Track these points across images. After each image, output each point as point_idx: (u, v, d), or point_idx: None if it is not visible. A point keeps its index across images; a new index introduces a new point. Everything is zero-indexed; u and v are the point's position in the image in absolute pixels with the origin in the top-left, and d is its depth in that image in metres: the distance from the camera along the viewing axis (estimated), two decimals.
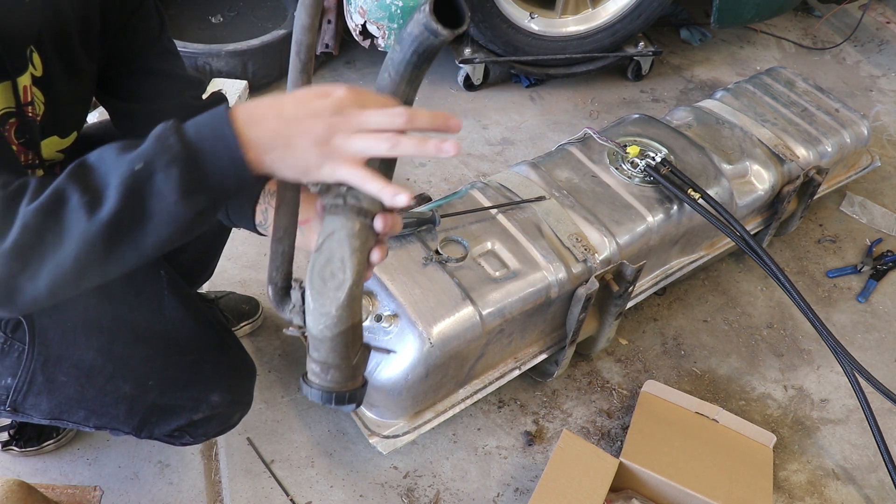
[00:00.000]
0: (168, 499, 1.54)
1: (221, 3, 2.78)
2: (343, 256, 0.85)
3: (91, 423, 1.23)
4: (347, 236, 0.85)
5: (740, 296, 2.10)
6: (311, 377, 0.93)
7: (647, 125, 1.92)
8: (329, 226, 0.86)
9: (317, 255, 0.86)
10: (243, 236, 2.06)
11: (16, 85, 0.98)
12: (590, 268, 1.59)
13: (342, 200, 0.85)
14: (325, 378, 0.92)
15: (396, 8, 2.31)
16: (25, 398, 1.19)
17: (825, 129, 2.09)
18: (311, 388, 0.92)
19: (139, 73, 1.16)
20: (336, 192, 0.85)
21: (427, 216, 1.53)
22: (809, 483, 1.71)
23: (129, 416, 1.22)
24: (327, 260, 0.85)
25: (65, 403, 1.20)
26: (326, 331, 0.88)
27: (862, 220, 2.38)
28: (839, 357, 1.63)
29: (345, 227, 0.85)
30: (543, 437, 1.72)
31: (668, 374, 1.89)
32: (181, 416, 1.24)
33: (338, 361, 0.91)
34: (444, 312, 1.43)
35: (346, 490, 1.58)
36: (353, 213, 0.85)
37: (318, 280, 0.86)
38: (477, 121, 2.60)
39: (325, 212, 0.86)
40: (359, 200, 0.84)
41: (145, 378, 1.21)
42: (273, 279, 0.90)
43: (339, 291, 0.85)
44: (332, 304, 0.86)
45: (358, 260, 0.85)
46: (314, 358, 0.92)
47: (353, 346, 0.91)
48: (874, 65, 3.15)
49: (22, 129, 1.04)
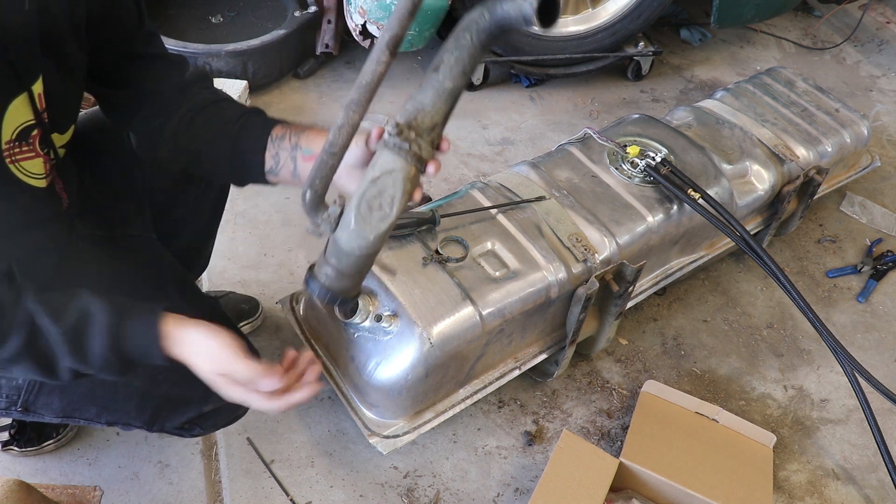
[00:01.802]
0: (168, 499, 1.54)
1: (221, 3, 2.78)
2: (395, 195, 0.98)
3: (103, 419, 1.24)
4: (403, 178, 0.97)
5: (740, 296, 2.10)
6: (321, 277, 1.07)
7: (647, 125, 1.92)
8: (389, 163, 0.97)
9: (371, 185, 0.98)
10: (243, 237, 2.07)
11: (32, 94, 0.99)
12: (590, 268, 1.59)
13: (408, 145, 0.96)
14: (335, 282, 1.07)
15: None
16: (37, 397, 1.19)
17: (825, 129, 2.09)
18: (318, 286, 1.07)
19: (123, 59, 1.16)
20: (406, 136, 0.96)
21: (427, 216, 1.53)
22: (809, 483, 1.71)
23: (141, 410, 1.23)
24: (379, 192, 0.98)
25: (77, 401, 1.21)
26: (357, 250, 1.02)
27: (862, 220, 2.38)
28: (839, 357, 1.63)
29: (403, 170, 0.97)
30: (543, 437, 1.72)
31: (668, 374, 1.89)
32: (191, 408, 1.25)
33: (353, 274, 1.07)
34: (444, 312, 1.43)
35: (346, 490, 1.58)
36: (414, 160, 0.97)
37: (366, 207, 0.98)
38: (477, 121, 2.60)
39: (386, 148, 0.97)
40: (420, 149, 0.97)
41: (156, 372, 1.21)
42: (314, 185, 0.98)
43: (381, 222, 0.98)
44: (371, 232, 0.99)
45: (405, 200, 0.98)
46: (332, 264, 1.05)
47: (369, 266, 1.08)
48: (874, 65, 3.15)
49: (44, 139, 1.05)
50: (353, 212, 0.99)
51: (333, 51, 2.63)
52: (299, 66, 2.65)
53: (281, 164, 1.16)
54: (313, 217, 1.01)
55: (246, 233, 2.08)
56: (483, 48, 0.94)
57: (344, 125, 0.93)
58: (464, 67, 0.95)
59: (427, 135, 0.98)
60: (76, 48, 1.06)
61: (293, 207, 2.16)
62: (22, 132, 1.00)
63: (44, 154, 1.06)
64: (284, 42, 2.50)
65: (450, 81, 0.96)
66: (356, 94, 0.92)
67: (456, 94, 0.97)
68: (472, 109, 2.64)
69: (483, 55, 0.95)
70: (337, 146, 0.95)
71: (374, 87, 0.92)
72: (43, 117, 1.02)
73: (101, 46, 1.11)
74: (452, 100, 0.98)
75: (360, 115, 0.93)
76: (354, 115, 0.93)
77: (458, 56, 0.94)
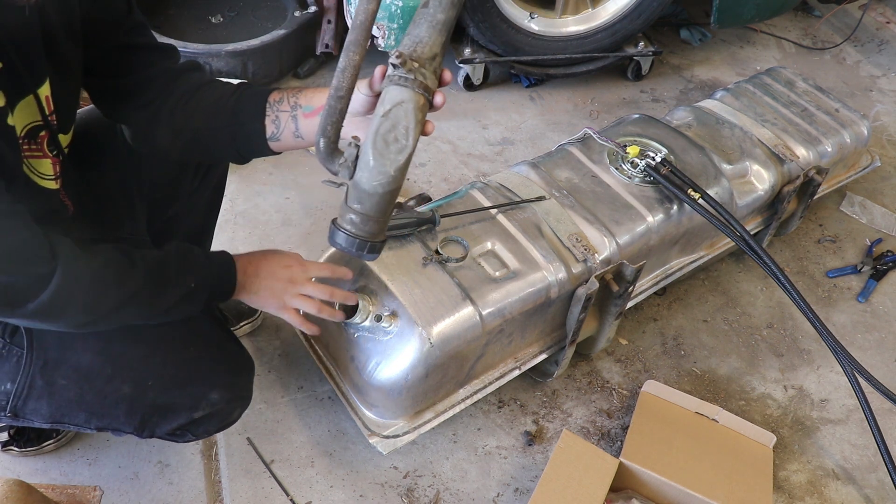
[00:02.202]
0: (168, 499, 1.54)
1: (221, 3, 2.78)
2: (408, 125, 0.97)
3: (92, 425, 1.23)
4: (413, 108, 0.97)
5: (740, 296, 2.10)
6: (346, 226, 1.05)
7: (647, 125, 1.92)
8: (397, 95, 0.97)
9: (383, 119, 0.97)
10: (243, 237, 2.07)
11: (38, 97, 0.99)
12: (590, 268, 1.59)
13: (413, 76, 0.96)
14: (362, 228, 1.05)
15: (396, 8, 2.31)
16: (26, 403, 1.18)
17: (825, 129, 2.09)
18: (345, 235, 1.05)
19: (114, 50, 1.17)
20: (410, 66, 0.96)
21: (427, 216, 1.53)
22: (809, 483, 1.71)
23: (130, 416, 1.22)
24: (393, 125, 0.97)
25: (65, 406, 1.20)
26: (380, 187, 1.00)
27: (862, 220, 2.38)
28: (839, 357, 1.63)
29: (413, 100, 0.97)
30: (543, 437, 1.72)
31: (668, 374, 1.89)
32: (181, 415, 1.24)
33: (378, 215, 1.04)
34: (444, 312, 1.43)
35: (346, 490, 1.58)
36: (421, 89, 0.97)
37: (382, 142, 0.97)
38: (477, 121, 2.60)
39: (391, 82, 0.97)
40: (425, 78, 0.97)
41: (144, 378, 1.21)
42: (326, 132, 0.98)
43: (400, 155, 0.97)
44: (391, 165, 0.98)
45: (419, 130, 0.98)
46: (356, 209, 1.04)
47: (392, 204, 1.06)
48: (874, 65, 3.15)
49: (52, 140, 1.05)
50: (371, 149, 0.98)
51: (333, 51, 2.63)
52: (299, 66, 2.65)
53: (282, 126, 1.17)
54: (329, 165, 1.01)
55: (246, 233, 2.08)
56: None
57: (346, 67, 0.94)
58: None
59: (429, 64, 0.98)
60: (72, 46, 1.07)
61: (293, 207, 2.16)
62: (30, 132, 1.01)
63: (52, 155, 1.06)
64: (284, 42, 2.50)
65: (441, 13, 0.97)
66: (352, 35, 0.94)
67: (449, 24, 0.98)
68: (472, 109, 2.64)
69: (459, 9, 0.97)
70: (343, 89, 0.95)
71: (369, 25, 0.94)
72: (50, 119, 1.03)
73: (92, 38, 1.11)
74: (447, 30, 0.99)
75: (361, 55, 0.94)
76: (354, 55, 0.94)
77: None
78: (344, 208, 1.05)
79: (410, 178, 2.31)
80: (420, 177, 2.32)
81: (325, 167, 1.01)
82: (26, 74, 0.96)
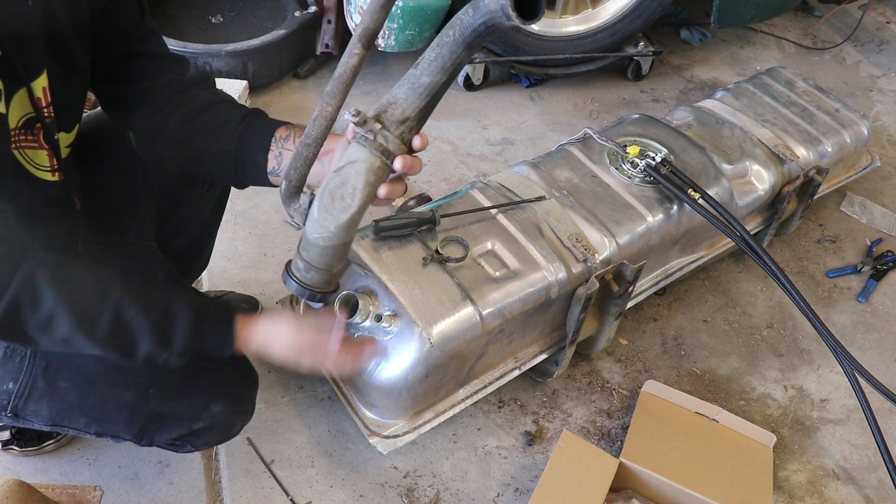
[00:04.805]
0: (168, 499, 1.54)
1: (221, 3, 2.78)
2: (356, 185, 0.96)
3: (92, 430, 1.23)
4: (366, 170, 0.96)
5: (740, 296, 2.10)
6: (294, 271, 1.08)
7: (647, 125, 1.92)
8: (354, 154, 0.96)
9: (335, 174, 0.97)
10: (243, 237, 2.07)
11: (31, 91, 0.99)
12: (590, 268, 1.59)
13: (372, 136, 0.95)
14: (305, 276, 1.07)
15: (396, 8, 2.31)
16: (27, 403, 1.18)
17: (825, 129, 2.09)
18: (291, 280, 1.08)
19: (124, 56, 1.17)
20: (370, 126, 0.95)
21: (427, 216, 1.53)
22: (809, 483, 1.71)
23: (130, 423, 1.22)
24: (342, 182, 0.97)
25: (66, 409, 1.20)
26: (321, 241, 1.01)
27: (862, 220, 2.38)
28: (839, 357, 1.63)
29: (366, 161, 0.96)
30: (543, 437, 1.72)
31: (668, 374, 1.89)
32: (181, 425, 1.24)
33: (322, 266, 1.06)
34: (444, 312, 1.43)
35: (346, 490, 1.58)
36: (378, 151, 0.95)
37: (328, 198, 0.98)
38: (477, 121, 2.60)
39: (355, 140, 0.96)
40: (386, 141, 0.95)
41: (146, 386, 1.21)
42: (289, 176, 0.99)
43: (342, 213, 0.98)
44: (332, 222, 0.98)
45: (367, 193, 0.97)
46: (302, 256, 1.06)
47: (337, 260, 1.06)
48: (874, 65, 3.15)
49: (48, 133, 1.05)
50: (318, 202, 0.99)
51: (333, 51, 2.63)
52: (299, 66, 2.65)
53: (284, 163, 1.16)
54: (287, 208, 1.03)
55: (246, 233, 2.08)
56: (468, 46, 0.91)
57: (318, 116, 0.95)
58: (443, 63, 0.92)
59: (395, 128, 0.96)
60: (79, 49, 1.07)
61: None
62: (26, 122, 1.01)
63: (48, 148, 1.06)
64: (284, 42, 2.50)
65: (427, 77, 0.94)
66: (331, 86, 0.94)
67: (433, 89, 0.94)
68: (472, 109, 2.64)
69: (468, 54, 0.92)
70: (311, 137, 0.96)
71: (349, 78, 0.93)
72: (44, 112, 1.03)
73: (102, 43, 1.11)
74: (429, 95, 0.95)
75: (335, 106, 0.94)
76: (328, 106, 0.94)
77: (439, 52, 0.92)
78: (295, 253, 1.08)
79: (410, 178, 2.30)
80: (420, 177, 2.32)
81: (285, 209, 1.04)
82: (20, 66, 0.96)
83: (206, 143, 1.19)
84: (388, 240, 1.51)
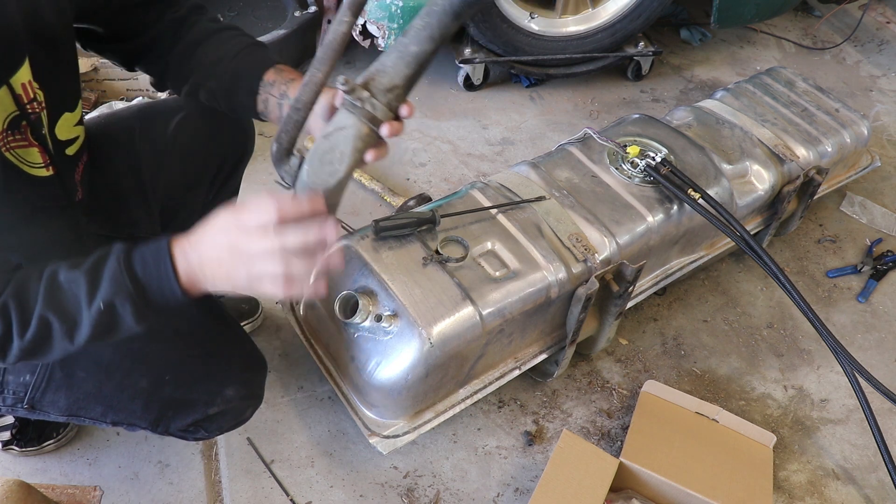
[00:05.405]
0: (168, 499, 1.54)
1: (221, 3, 2.78)
2: (344, 151, 0.98)
3: (108, 419, 1.24)
4: (354, 136, 0.98)
5: (740, 296, 2.10)
6: None
7: (647, 125, 1.92)
8: (343, 120, 0.98)
9: (323, 139, 0.99)
10: None
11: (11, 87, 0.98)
12: (590, 268, 1.59)
13: (360, 104, 0.96)
14: None
15: (396, 8, 2.31)
16: (44, 395, 1.20)
17: (825, 129, 2.09)
18: None
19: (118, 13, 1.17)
20: (358, 94, 0.96)
21: (427, 216, 1.53)
22: (809, 483, 1.71)
23: (146, 410, 1.23)
24: (330, 148, 0.98)
25: (83, 399, 1.21)
26: None
27: (862, 220, 2.38)
28: (839, 357, 1.63)
29: (355, 127, 0.98)
30: (543, 437, 1.72)
31: (668, 374, 1.89)
32: (197, 411, 1.25)
33: None
34: (444, 312, 1.43)
35: (346, 490, 1.58)
36: (366, 118, 0.97)
37: (317, 162, 0.99)
38: (477, 121, 2.60)
39: (343, 106, 0.98)
40: (374, 109, 0.97)
41: (162, 373, 1.22)
42: (280, 139, 1.01)
43: (331, 178, 0.99)
44: (321, 185, 0.99)
45: (355, 158, 0.99)
46: None
47: None
48: (874, 65, 3.15)
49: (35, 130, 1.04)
50: (308, 165, 1.01)
51: None
52: (299, 66, 2.65)
53: (270, 108, 1.18)
54: (278, 169, 1.04)
55: None
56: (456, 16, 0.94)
57: (309, 83, 0.97)
58: (431, 32, 0.95)
59: (383, 95, 0.98)
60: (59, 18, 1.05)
61: None
62: (11, 122, 1.00)
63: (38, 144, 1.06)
64: (284, 42, 2.50)
65: (415, 45, 0.96)
66: (321, 52, 0.96)
67: (421, 57, 0.97)
68: (472, 109, 2.64)
69: (456, 23, 0.95)
70: (301, 102, 0.98)
71: (338, 46, 0.95)
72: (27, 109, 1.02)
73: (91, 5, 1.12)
74: (417, 64, 0.97)
75: (324, 72, 0.97)
76: (318, 72, 0.97)
77: (427, 21, 0.95)
78: None
79: (411, 177, 2.31)
80: (420, 177, 2.32)
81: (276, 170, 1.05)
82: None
83: (202, 80, 1.21)
84: (388, 240, 1.51)
